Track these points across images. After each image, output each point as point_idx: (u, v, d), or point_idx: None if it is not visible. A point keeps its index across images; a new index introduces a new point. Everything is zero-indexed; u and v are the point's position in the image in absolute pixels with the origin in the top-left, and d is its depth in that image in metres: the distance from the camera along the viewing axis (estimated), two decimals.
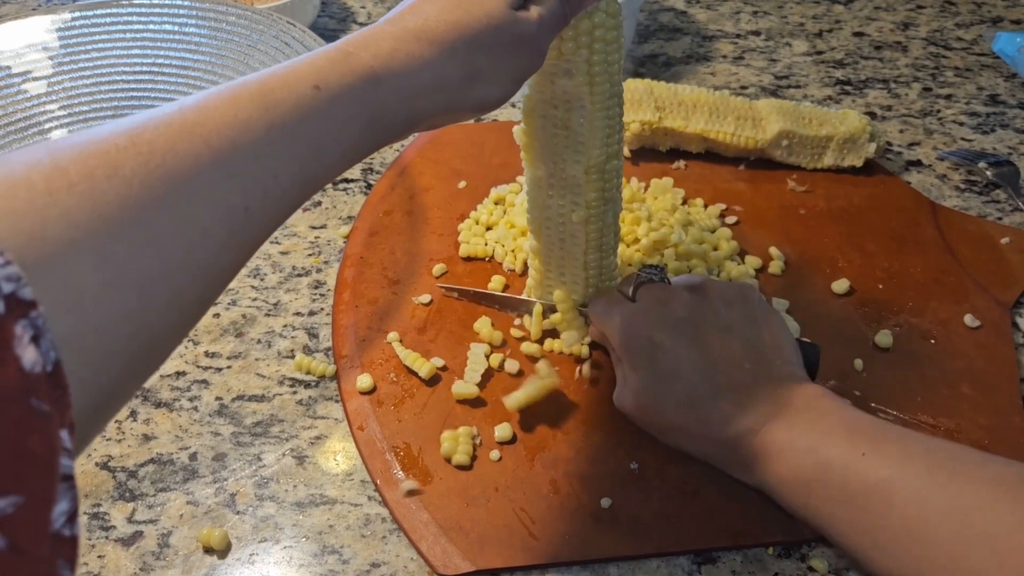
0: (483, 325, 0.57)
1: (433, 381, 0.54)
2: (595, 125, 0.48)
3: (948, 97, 0.81)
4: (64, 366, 0.23)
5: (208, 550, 0.47)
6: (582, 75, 0.47)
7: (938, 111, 0.79)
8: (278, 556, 0.46)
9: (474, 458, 0.50)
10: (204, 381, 0.55)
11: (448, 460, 0.50)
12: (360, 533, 0.47)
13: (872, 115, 0.79)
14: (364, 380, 0.54)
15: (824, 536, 0.43)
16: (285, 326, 0.59)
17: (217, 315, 0.60)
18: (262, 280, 0.62)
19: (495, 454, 0.50)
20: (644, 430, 0.50)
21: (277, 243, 0.65)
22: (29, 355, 0.21)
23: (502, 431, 0.51)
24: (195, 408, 0.54)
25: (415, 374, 0.54)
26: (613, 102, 0.48)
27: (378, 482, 0.49)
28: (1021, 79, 0.83)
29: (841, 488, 0.41)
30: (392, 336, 0.57)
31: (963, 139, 0.76)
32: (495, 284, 0.60)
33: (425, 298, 0.59)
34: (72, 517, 0.22)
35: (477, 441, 0.51)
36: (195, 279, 0.29)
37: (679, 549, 0.46)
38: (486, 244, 0.63)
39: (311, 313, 0.60)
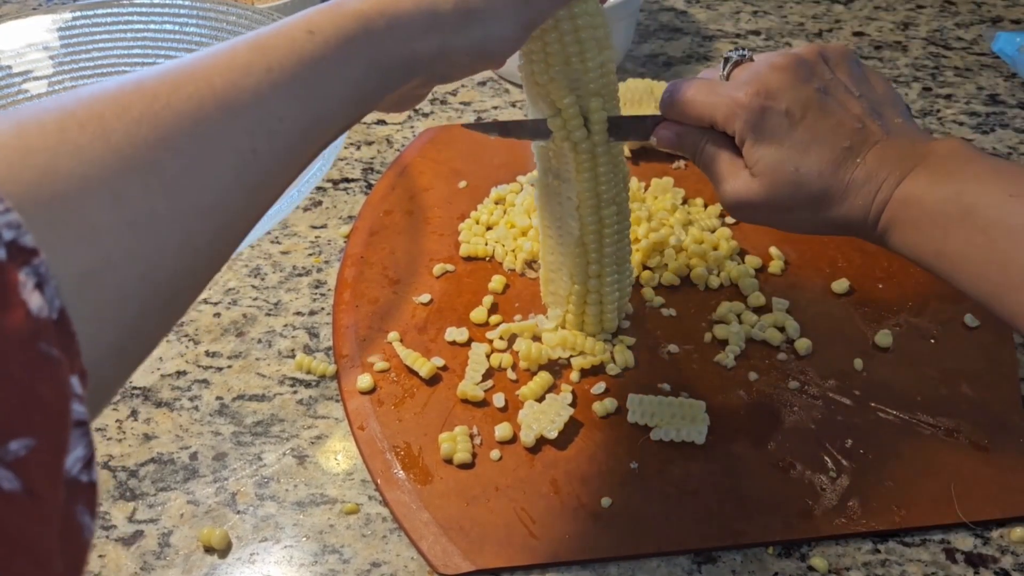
0: (480, 314, 0.58)
1: (433, 381, 0.54)
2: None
3: (948, 97, 0.81)
4: (79, 309, 0.23)
5: (209, 549, 0.47)
6: (541, 63, 0.47)
7: (938, 111, 0.79)
8: (279, 555, 0.46)
9: (474, 455, 0.50)
10: (205, 381, 0.55)
11: (449, 461, 0.50)
12: (360, 533, 0.47)
13: None
14: (364, 380, 0.54)
15: (952, 282, 0.42)
16: (286, 326, 0.59)
17: (218, 315, 0.60)
18: (263, 280, 0.62)
19: (495, 454, 0.50)
20: (765, 222, 0.48)
21: (278, 243, 0.65)
22: (35, 300, 0.22)
23: (502, 431, 0.51)
24: (196, 408, 0.54)
25: (416, 374, 0.54)
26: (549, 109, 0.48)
27: (379, 482, 0.49)
28: (1021, 79, 0.83)
29: (984, 230, 0.40)
30: (392, 336, 0.57)
31: (963, 139, 0.76)
32: (495, 284, 0.60)
33: (425, 298, 0.60)
34: (88, 463, 0.22)
35: (477, 440, 0.51)
36: (205, 221, 0.30)
37: (679, 549, 0.46)
38: (486, 244, 0.63)
39: (311, 313, 0.60)
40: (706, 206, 0.67)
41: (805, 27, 0.92)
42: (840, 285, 0.60)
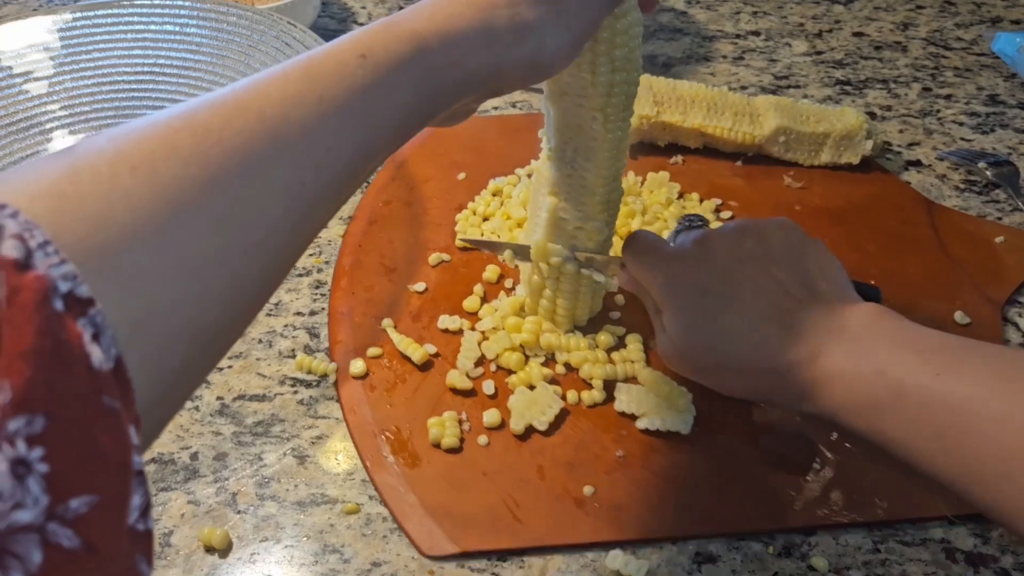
0: (473, 303, 0.58)
1: (426, 367, 0.55)
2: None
3: (948, 97, 0.81)
4: (127, 358, 0.23)
5: (209, 549, 0.47)
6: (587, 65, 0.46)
7: (938, 111, 0.79)
8: (279, 555, 0.46)
9: (462, 440, 0.50)
10: (205, 381, 0.55)
11: (437, 445, 0.50)
12: (361, 532, 0.48)
13: (872, 115, 0.79)
14: (357, 365, 0.54)
15: (897, 458, 0.41)
16: (286, 326, 0.59)
17: None
18: None
19: (483, 439, 0.51)
20: (692, 378, 0.50)
21: None
22: (96, 353, 0.21)
23: (490, 417, 0.51)
24: (196, 408, 0.54)
25: (408, 359, 0.55)
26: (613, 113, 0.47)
27: (367, 464, 0.49)
28: (1021, 79, 0.83)
29: (918, 409, 0.39)
30: (387, 322, 0.57)
31: (963, 139, 0.76)
32: (489, 274, 0.61)
33: (420, 286, 0.60)
34: (145, 511, 0.22)
35: (465, 426, 0.51)
36: (252, 259, 0.29)
37: (660, 536, 0.47)
38: (482, 234, 0.64)
39: (312, 313, 0.60)
40: (701, 201, 0.67)
41: (805, 27, 0.92)
42: None
